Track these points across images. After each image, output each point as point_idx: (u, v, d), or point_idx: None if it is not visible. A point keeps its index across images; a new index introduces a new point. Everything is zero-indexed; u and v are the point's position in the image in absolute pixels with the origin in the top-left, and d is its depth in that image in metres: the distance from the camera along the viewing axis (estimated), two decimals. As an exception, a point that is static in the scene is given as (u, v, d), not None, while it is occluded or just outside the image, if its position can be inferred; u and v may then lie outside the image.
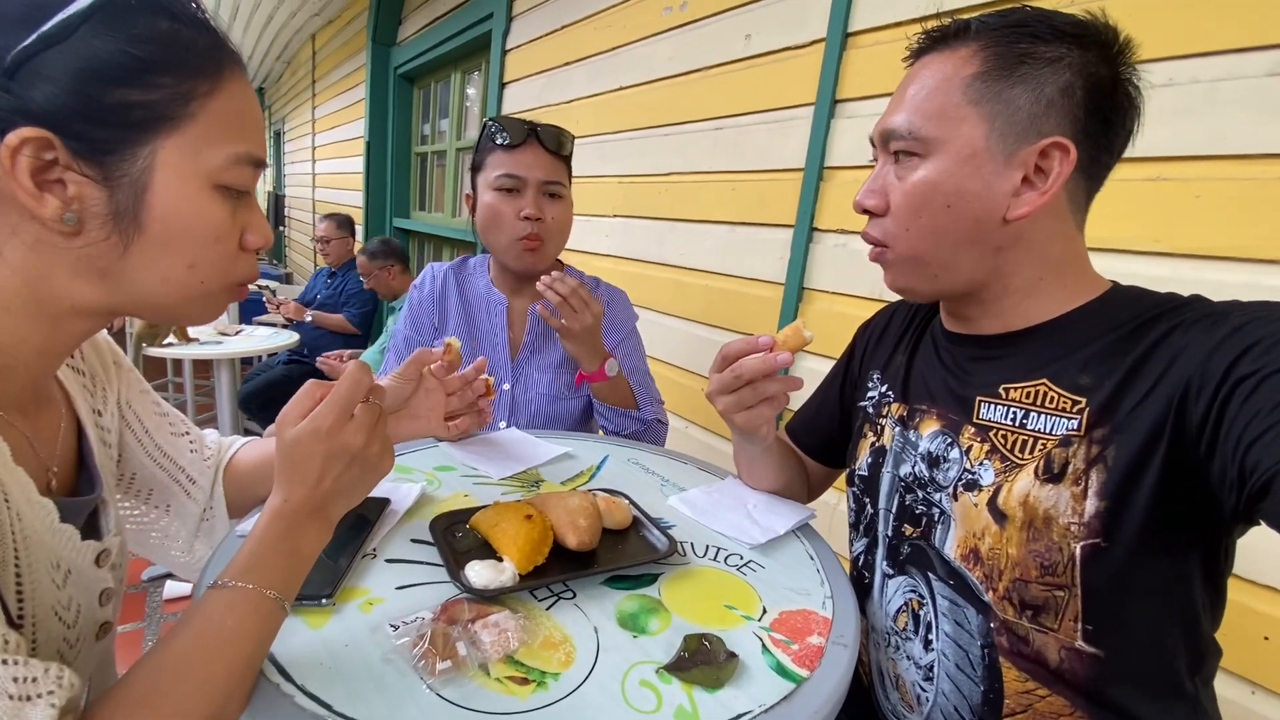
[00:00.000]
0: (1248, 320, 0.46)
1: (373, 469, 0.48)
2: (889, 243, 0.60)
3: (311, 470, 0.45)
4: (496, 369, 1.12)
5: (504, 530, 0.59)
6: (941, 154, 0.55)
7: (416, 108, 3.84)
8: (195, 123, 0.42)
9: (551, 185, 1.06)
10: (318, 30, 5.31)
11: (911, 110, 0.56)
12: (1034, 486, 0.53)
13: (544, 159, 1.05)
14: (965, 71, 0.54)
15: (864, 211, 0.61)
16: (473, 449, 0.88)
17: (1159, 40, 0.84)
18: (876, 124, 0.61)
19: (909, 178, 0.57)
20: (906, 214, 0.57)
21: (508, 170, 1.03)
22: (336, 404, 0.46)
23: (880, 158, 0.61)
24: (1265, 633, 0.77)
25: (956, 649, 0.60)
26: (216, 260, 0.45)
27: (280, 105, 7.39)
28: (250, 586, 0.41)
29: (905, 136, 0.57)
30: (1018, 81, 0.53)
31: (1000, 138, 0.54)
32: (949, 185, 0.55)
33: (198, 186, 0.43)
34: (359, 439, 0.46)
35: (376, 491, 0.70)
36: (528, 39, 2.34)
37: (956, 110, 0.54)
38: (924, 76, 0.57)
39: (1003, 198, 0.54)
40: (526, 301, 1.15)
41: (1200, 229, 0.82)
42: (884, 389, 0.74)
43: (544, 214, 1.04)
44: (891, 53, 1.18)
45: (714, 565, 0.65)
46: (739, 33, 1.49)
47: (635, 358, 1.20)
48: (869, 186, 0.60)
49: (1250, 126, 0.78)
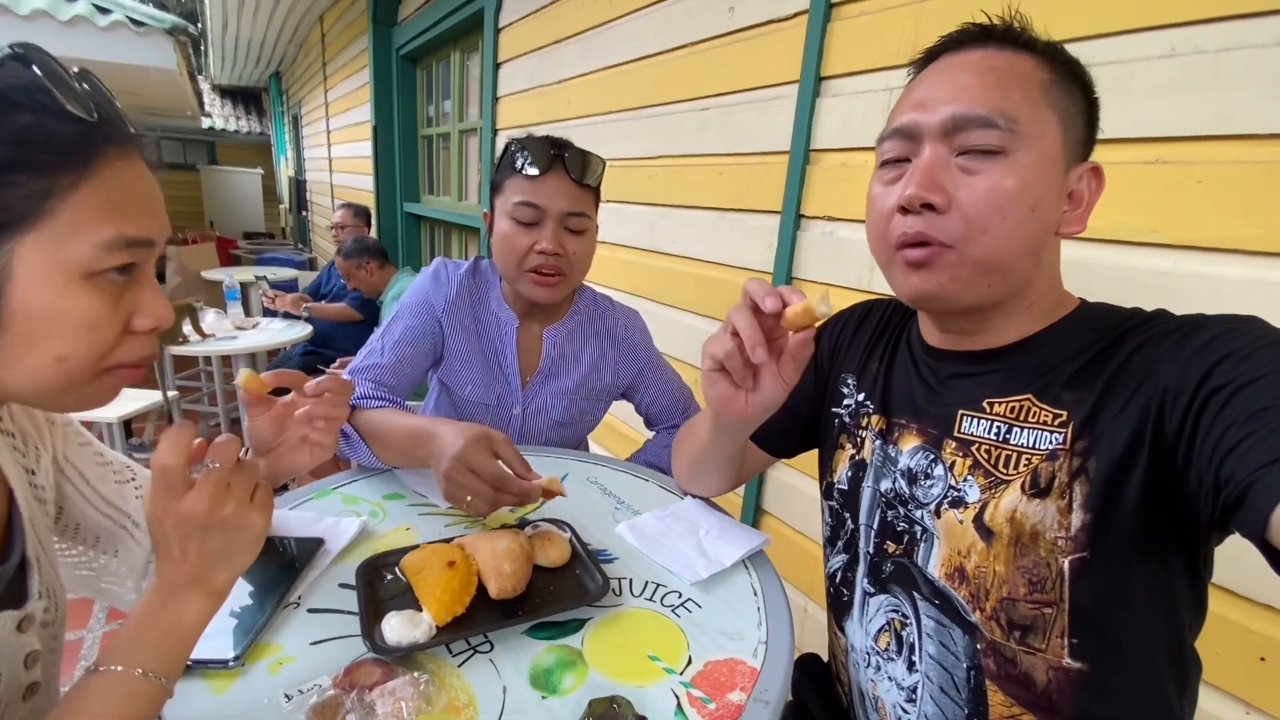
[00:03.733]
0: (1219, 333, 0.47)
1: (237, 531, 0.46)
2: (956, 244, 0.52)
3: (170, 547, 0.44)
4: (505, 393, 1.06)
5: (425, 579, 0.58)
6: (1026, 152, 0.51)
7: (421, 89, 3.79)
8: (56, 218, 0.41)
9: (574, 218, 0.96)
10: (325, 11, 5.27)
11: (1001, 99, 0.51)
12: (1021, 502, 0.53)
13: (567, 188, 0.94)
14: (1041, 75, 0.52)
15: (924, 206, 0.53)
16: (427, 474, 0.87)
17: (1159, 5, 0.75)
18: (915, 111, 0.54)
19: (990, 173, 0.51)
20: (988, 214, 0.51)
21: (527, 198, 0.93)
22: (156, 487, 0.44)
23: (929, 149, 0.53)
24: (1261, 653, 0.73)
25: (941, 671, 0.59)
26: (92, 349, 0.44)
27: (296, 89, 7.42)
28: (119, 669, 0.41)
29: (998, 127, 0.50)
30: (1074, 102, 0.53)
31: (1068, 150, 0.53)
32: (1036, 188, 0.51)
33: (64, 280, 0.42)
34: (200, 507, 0.44)
35: (312, 531, 0.71)
36: (519, 16, 2.28)
37: (1041, 112, 0.52)
38: (998, 68, 0.52)
39: (1060, 210, 0.54)
40: (538, 325, 1.07)
41: (1203, 218, 0.74)
42: (861, 397, 0.70)
43: (564, 249, 0.95)
44: (875, 24, 1.10)
45: (647, 606, 0.63)
46: (722, 4, 1.41)
47: (662, 368, 1.16)
48: (927, 180, 0.52)
49: (1258, 103, 0.69)
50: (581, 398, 1.09)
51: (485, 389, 1.05)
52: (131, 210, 0.44)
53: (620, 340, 1.12)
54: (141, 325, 0.46)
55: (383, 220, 4.00)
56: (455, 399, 1.08)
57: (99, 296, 0.43)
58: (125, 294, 0.45)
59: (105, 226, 0.42)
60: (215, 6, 5.39)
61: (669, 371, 1.18)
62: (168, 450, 0.45)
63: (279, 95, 8.66)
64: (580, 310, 1.11)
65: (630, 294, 1.77)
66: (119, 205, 0.43)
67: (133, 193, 0.45)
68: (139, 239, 0.44)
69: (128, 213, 0.44)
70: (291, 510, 0.76)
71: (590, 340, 1.10)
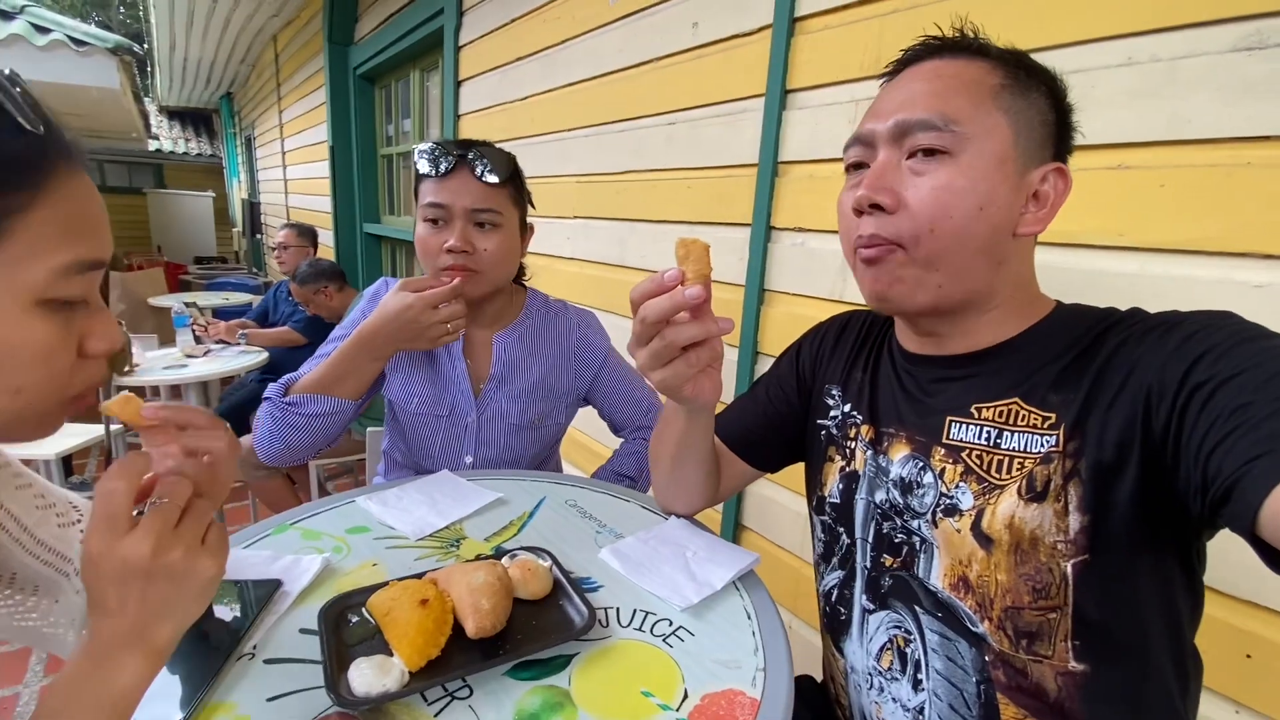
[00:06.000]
0: (1197, 329, 0.47)
1: (185, 579, 0.41)
2: (905, 243, 0.54)
3: (106, 599, 0.39)
4: (457, 401, 1.05)
5: (395, 619, 0.54)
6: (973, 153, 0.52)
7: (379, 108, 3.73)
8: (12, 240, 0.37)
9: (482, 214, 0.96)
10: (278, 31, 5.17)
11: (942, 103, 0.53)
12: (1019, 507, 0.52)
13: (473, 186, 0.95)
14: (992, 80, 0.54)
15: (873, 207, 0.55)
16: (393, 504, 0.82)
17: (1115, 16, 0.78)
18: (872, 120, 0.57)
19: (937, 174, 0.53)
20: (934, 213, 0.53)
21: (433, 198, 0.95)
22: (96, 522, 0.40)
23: (883, 152, 0.56)
24: (1247, 650, 0.73)
25: (950, 688, 0.57)
26: (47, 379, 0.41)
27: (249, 110, 7.25)
28: None
29: (939, 128, 0.52)
30: (1030, 105, 0.54)
31: (1022, 151, 0.54)
32: (983, 188, 0.52)
33: (19, 308, 0.38)
34: (141, 550, 0.39)
35: (269, 572, 0.65)
36: (479, 34, 2.26)
37: (989, 114, 0.53)
38: (945, 75, 0.55)
39: (1018, 211, 0.54)
40: (485, 331, 1.08)
41: (1167, 221, 0.76)
42: (848, 408, 0.69)
43: (473, 246, 0.96)
44: (839, 38, 1.11)
45: (637, 637, 0.59)
46: (686, 20, 1.42)
47: (622, 370, 1.16)
48: (876, 181, 0.55)
49: (1214, 108, 0.71)
50: (538, 400, 1.08)
51: (435, 401, 1.04)
52: (86, 231, 0.41)
53: (575, 342, 1.12)
54: (95, 349, 0.43)
55: (342, 241, 3.89)
56: (403, 414, 1.06)
57: (52, 322, 0.40)
58: (76, 317, 0.42)
59: (62, 250, 0.39)
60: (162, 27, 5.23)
61: (629, 373, 1.17)
62: (117, 473, 0.40)
63: (231, 116, 8.45)
64: (531, 314, 1.12)
65: (602, 310, 1.74)
66: (74, 226, 0.40)
67: (86, 212, 0.42)
68: (95, 261, 0.41)
69: (83, 234, 0.41)
70: (245, 550, 0.71)
71: (543, 344, 1.10)
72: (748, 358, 1.30)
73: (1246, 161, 0.69)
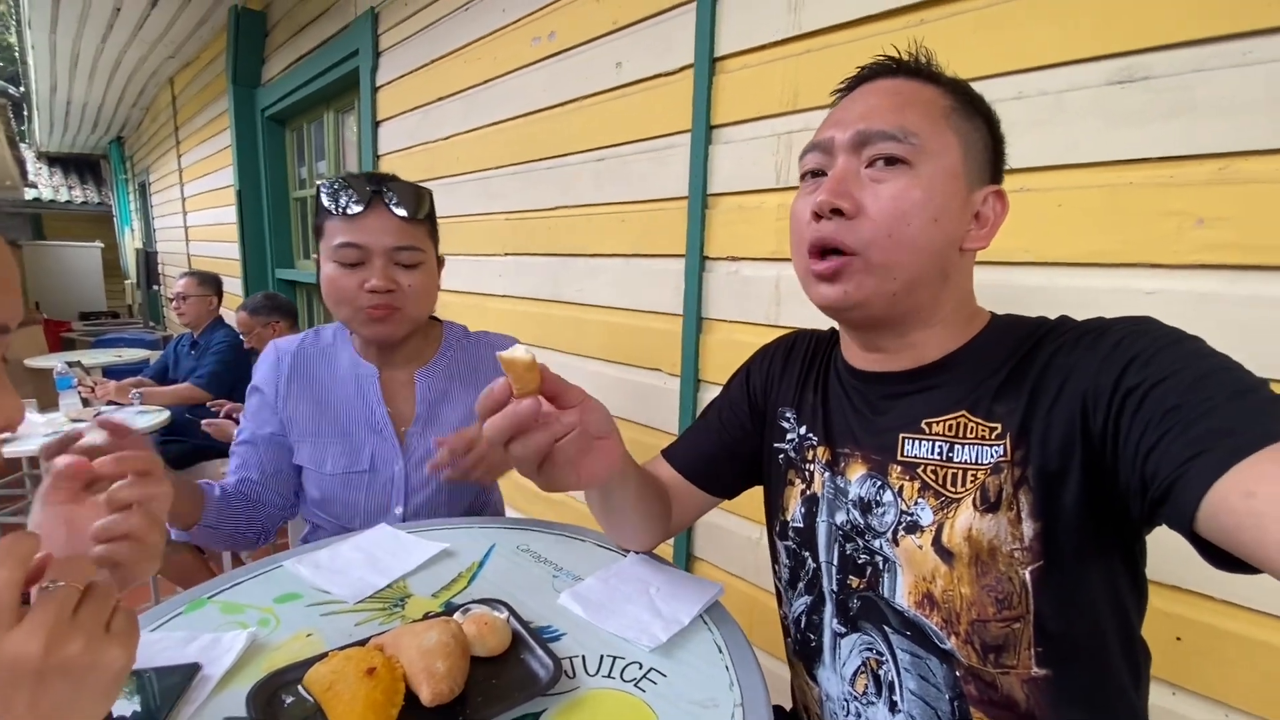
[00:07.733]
0: (1124, 336, 0.49)
1: (87, 675, 0.35)
2: (862, 250, 0.55)
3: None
4: (379, 451, 0.98)
5: (338, 695, 0.48)
6: (929, 166, 0.55)
7: (290, 150, 3.59)
8: None
9: (403, 252, 0.92)
10: (175, 74, 4.91)
11: (901, 118, 0.55)
12: (975, 519, 0.53)
13: (391, 224, 0.91)
14: (944, 102, 0.57)
15: (833, 212, 0.56)
16: (326, 565, 0.75)
17: (1003, 55, 0.85)
18: (831, 129, 0.59)
19: (897, 182, 0.55)
20: (892, 220, 0.54)
21: (348, 239, 0.89)
22: None
23: (841, 159, 0.57)
24: (1177, 633, 0.77)
25: (924, 707, 0.57)
26: None
27: (143, 155, 6.80)
28: None
29: (899, 139, 0.54)
30: (975, 129, 0.58)
31: (969, 170, 0.57)
32: (938, 200, 0.55)
33: None
34: (32, 647, 0.33)
35: (184, 656, 0.58)
36: (398, 74, 2.23)
37: (942, 133, 0.56)
38: (903, 93, 0.57)
39: (964, 227, 0.57)
40: (404, 371, 1.02)
41: (1065, 237, 0.83)
42: (803, 430, 0.69)
43: (397, 284, 0.91)
44: (757, 76, 1.17)
45: (608, 685, 0.56)
46: (609, 61, 1.45)
47: None
48: (837, 186, 0.56)
49: (1098, 134, 0.79)
50: None
51: (351, 457, 0.98)
52: None
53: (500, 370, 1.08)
54: None
55: (252, 289, 3.66)
56: (317, 480, 0.99)
57: None
58: None
59: None
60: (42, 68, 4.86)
61: None
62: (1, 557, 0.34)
63: (121, 162, 7.89)
64: (450, 348, 1.07)
65: (536, 346, 1.71)
66: None
67: None
68: None
69: None
70: (153, 632, 0.62)
71: (466, 376, 1.06)
72: (690, 386, 1.30)
73: (1129, 181, 0.77)
